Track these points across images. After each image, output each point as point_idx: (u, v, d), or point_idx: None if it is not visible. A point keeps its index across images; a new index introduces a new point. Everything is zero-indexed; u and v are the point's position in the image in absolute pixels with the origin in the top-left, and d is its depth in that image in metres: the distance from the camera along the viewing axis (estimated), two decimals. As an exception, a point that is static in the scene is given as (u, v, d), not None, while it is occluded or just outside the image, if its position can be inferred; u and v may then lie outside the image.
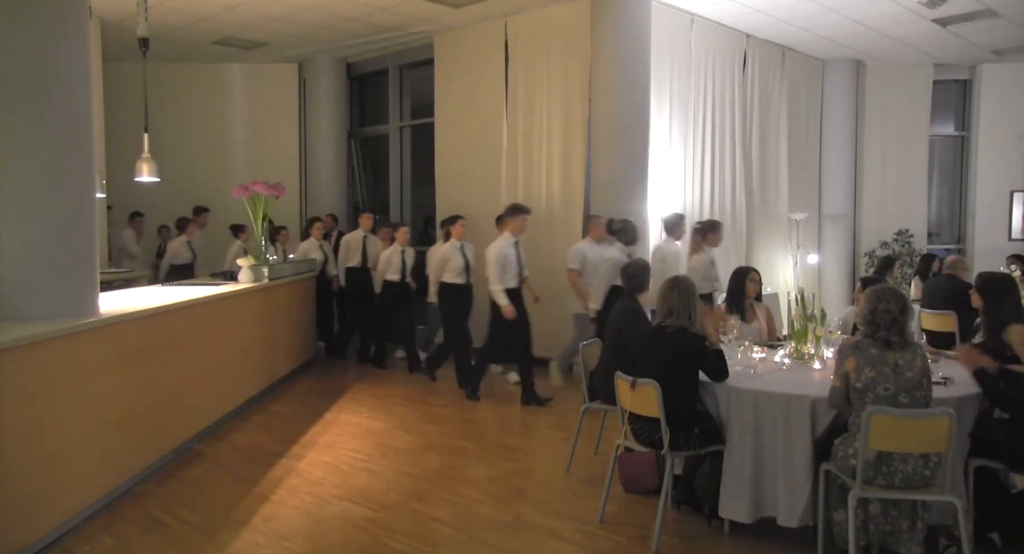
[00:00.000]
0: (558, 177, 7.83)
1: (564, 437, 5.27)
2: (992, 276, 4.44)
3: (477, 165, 8.64)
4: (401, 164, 10.44)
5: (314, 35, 9.11)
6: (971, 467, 3.47)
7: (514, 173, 8.25)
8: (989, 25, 8.71)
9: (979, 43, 9.54)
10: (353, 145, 10.94)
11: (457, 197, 8.77)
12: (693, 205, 8.43)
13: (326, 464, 4.92)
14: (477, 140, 8.66)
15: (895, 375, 3.17)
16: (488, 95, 8.52)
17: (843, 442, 3.29)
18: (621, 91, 7.23)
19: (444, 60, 9.04)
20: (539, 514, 4.11)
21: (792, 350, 4.35)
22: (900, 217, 10.62)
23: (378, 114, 10.74)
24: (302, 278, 7.87)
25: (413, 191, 10.44)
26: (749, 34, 9.07)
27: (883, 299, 3.28)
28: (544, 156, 7.98)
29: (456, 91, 8.90)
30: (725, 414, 3.71)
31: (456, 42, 8.88)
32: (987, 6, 8.02)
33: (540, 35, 8.02)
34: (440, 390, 7.07)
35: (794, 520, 3.48)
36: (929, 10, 8.05)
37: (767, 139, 9.60)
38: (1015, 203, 10.89)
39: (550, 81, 7.91)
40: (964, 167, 11.28)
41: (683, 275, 4.15)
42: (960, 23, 8.60)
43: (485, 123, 8.57)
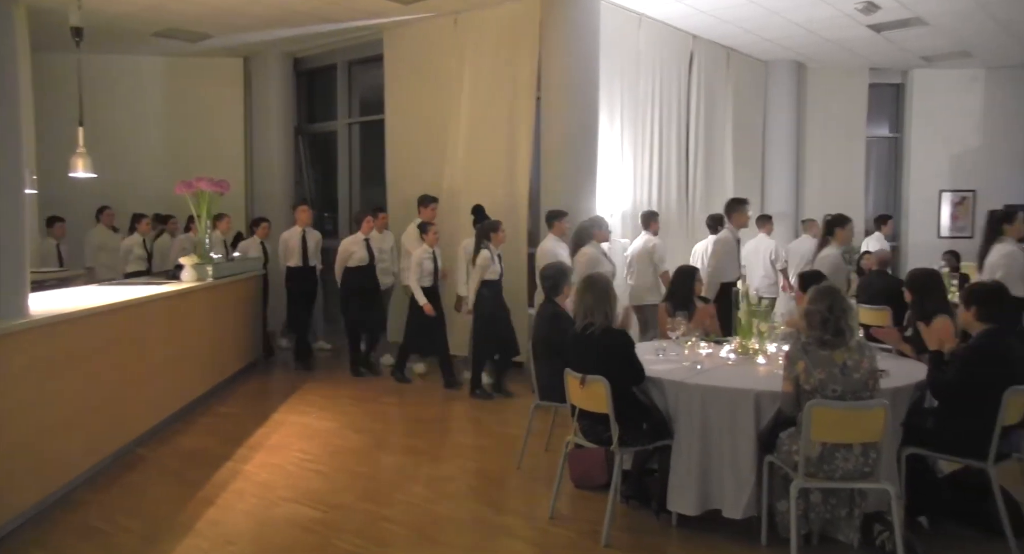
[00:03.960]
0: (504, 175, 7.84)
1: (515, 434, 5.29)
2: (919, 273, 4.67)
3: (427, 162, 8.59)
4: (350, 161, 10.32)
5: (261, 28, 8.93)
6: (903, 455, 3.61)
7: (463, 171, 8.23)
8: (919, 32, 9.06)
9: (910, 49, 9.91)
10: (301, 142, 10.77)
11: (408, 194, 8.70)
12: (641, 202, 8.53)
13: (273, 466, 4.85)
14: (427, 137, 8.61)
15: (843, 376, 3.27)
16: (438, 92, 8.48)
17: (789, 436, 3.38)
18: (570, 89, 7.28)
19: (394, 57, 8.97)
20: (490, 511, 4.12)
21: (737, 345, 4.45)
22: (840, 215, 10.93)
23: (326, 110, 10.59)
24: (248, 277, 7.73)
25: (363, 188, 10.33)
26: (695, 35, 9.23)
27: (824, 298, 3.37)
28: (492, 154, 7.98)
29: (406, 88, 8.84)
30: (673, 409, 3.78)
31: (406, 39, 8.81)
32: (917, 15, 8.34)
33: (490, 33, 8.01)
34: (391, 389, 7.02)
35: (739, 512, 3.57)
36: (864, 16, 8.32)
37: (713, 138, 9.78)
38: (943, 202, 11.36)
39: (499, 79, 7.91)
40: (898, 167, 11.71)
41: (596, 273, 4.20)
42: (893, 29, 8.92)
43: (435, 120, 8.52)
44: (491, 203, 7.45)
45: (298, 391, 6.96)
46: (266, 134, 10.23)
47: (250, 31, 9.02)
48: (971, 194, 11.32)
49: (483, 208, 7.27)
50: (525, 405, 5.91)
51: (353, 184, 10.35)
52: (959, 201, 11.35)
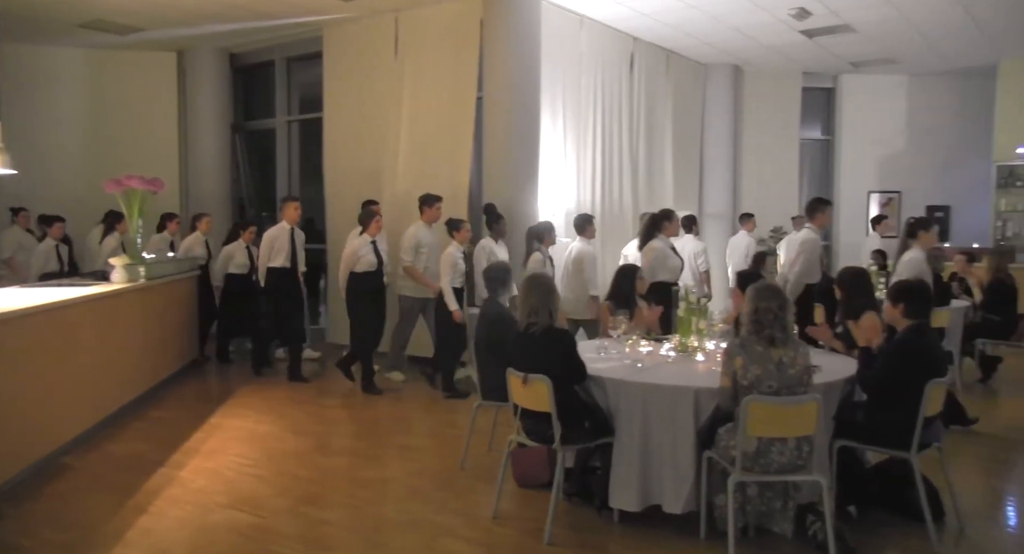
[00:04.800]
0: (446, 174, 7.81)
1: (458, 435, 5.27)
2: (848, 271, 4.85)
3: (367, 161, 8.50)
4: (289, 159, 10.13)
5: (195, 23, 8.68)
6: (834, 447, 3.73)
7: (405, 169, 8.16)
8: (848, 39, 9.39)
9: (840, 55, 10.26)
10: (237, 139, 10.53)
11: (347, 193, 8.59)
12: (583, 204, 8.62)
13: (210, 471, 4.72)
14: (367, 136, 8.52)
15: (779, 372, 3.35)
16: (378, 90, 8.40)
17: (727, 432, 3.45)
18: (512, 89, 7.30)
19: (333, 54, 8.84)
20: (433, 512, 4.10)
21: (677, 343, 4.52)
22: (774, 215, 11.25)
23: (264, 108, 10.37)
24: (184, 277, 7.50)
25: (302, 187, 10.15)
26: (636, 37, 9.36)
27: (763, 297, 3.45)
28: (434, 153, 7.94)
29: (346, 86, 8.72)
30: (614, 407, 3.81)
31: (345, 36, 8.70)
32: (846, 22, 8.65)
33: (431, 31, 7.97)
34: (332, 390, 6.91)
35: (679, 507, 3.62)
36: (797, 22, 8.58)
37: (653, 139, 9.94)
38: (872, 202, 11.79)
39: (441, 78, 7.88)
40: (829, 168, 12.12)
41: (541, 273, 4.23)
42: (824, 35, 9.23)
43: (375, 119, 8.43)
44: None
45: (236, 394, 6.79)
46: (201, 131, 9.96)
47: (184, 25, 8.76)
48: (897, 195, 11.78)
49: (495, 207, 7.11)
50: (467, 405, 5.91)
51: (292, 183, 10.16)
52: (886, 202, 11.80)
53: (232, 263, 7.87)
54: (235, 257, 7.88)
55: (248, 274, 7.87)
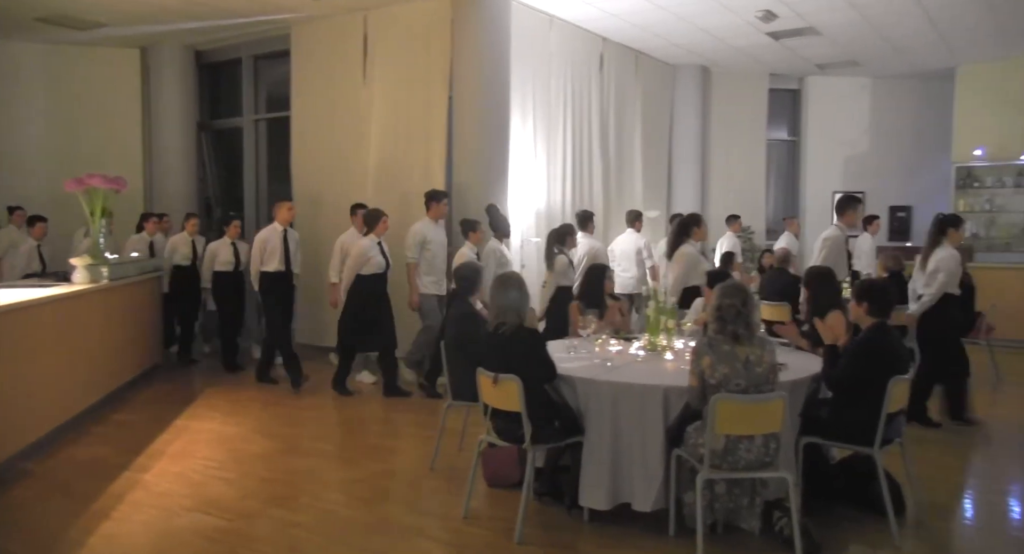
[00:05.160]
0: (419, 173, 7.79)
1: (428, 435, 5.25)
2: (815, 270, 4.94)
3: (336, 160, 8.43)
4: (257, 158, 10.00)
5: (160, 19, 8.53)
6: (801, 444, 3.78)
7: (375, 168, 8.11)
8: (813, 41, 9.54)
9: (806, 56, 10.42)
10: (204, 138, 10.37)
11: (315, 192, 8.52)
12: (554, 203, 8.65)
13: (175, 475, 4.64)
14: (336, 135, 8.45)
15: (746, 371, 3.38)
16: (348, 89, 8.33)
17: (696, 430, 3.48)
18: (482, 88, 7.29)
19: (301, 52, 8.75)
20: (404, 513, 4.08)
21: (646, 342, 4.56)
22: (742, 215, 11.37)
23: (231, 106, 10.23)
24: (149, 277, 7.37)
25: (269, 186, 10.03)
26: (605, 38, 9.41)
27: (727, 295, 3.49)
28: (406, 152, 7.91)
29: (314, 84, 8.64)
30: (584, 406, 3.83)
31: (314, 34, 8.61)
32: (811, 25, 8.78)
33: (400, 30, 7.93)
34: (304, 392, 6.84)
35: (648, 505, 3.65)
36: (764, 24, 8.70)
37: (622, 139, 10.00)
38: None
39: (412, 77, 7.84)
40: (796, 169, 12.30)
41: (509, 272, 4.24)
42: (790, 38, 9.36)
43: (344, 118, 8.37)
44: (407, 200, 7.38)
45: (202, 396, 6.70)
46: (166, 130, 9.78)
47: (147, 22, 8.60)
48: (861, 195, 11.97)
49: (497, 207, 7.05)
50: (438, 405, 5.89)
51: (260, 182, 10.03)
52: (851, 202, 11.98)
53: (217, 261, 7.69)
54: (219, 255, 7.70)
55: (234, 271, 7.70)
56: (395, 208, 7.45)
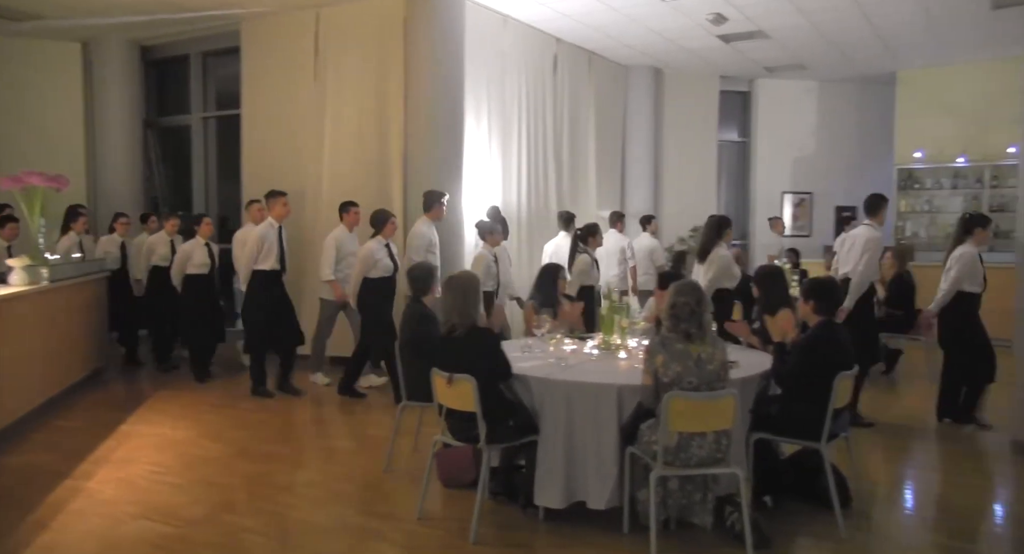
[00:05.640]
0: (375, 172, 7.72)
1: (382, 436, 5.21)
2: (765, 269, 5.04)
3: (287, 159, 8.29)
4: (206, 157, 9.80)
5: (102, 12, 8.27)
6: (751, 440, 3.86)
7: (329, 168, 8.01)
8: (762, 45, 9.75)
9: (755, 59, 10.63)
10: (150, 136, 10.11)
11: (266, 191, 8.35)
12: (509, 203, 8.66)
13: (120, 481, 4.51)
14: (288, 134, 8.31)
15: (698, 368, 3.43)
16: (300, 88, 8.21)
17: (649, 428, 3.52)
18: (435, 87, 7.26)
19: (251, 49, 8.59)
20: (358, 515, 4.04)
21: (600, 341, 4.59)
22: (694, 215, 11.56)
23: (179, 104, 9.99)
24: (92, 279, 7.15)
25: (220, 185, 9.83)
26: (559, 38, 9.45)
27: (681, 293, 3.54)
28: (361, 151, 7.83)
29: (265, 82, 8.48)
30: (539, 405, 3.84)
31: (264, 31, 8.46)
32: (760, 28, 8.97)
33: (353, 29, 7.85)
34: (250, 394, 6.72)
35: (602, 502, 3.68)
36: (714, 26, 8.84)
37: (576, 139, 10.06)
38: (785, 203, 12.27)
39: (364, 76, 7.77)
40: (746, 170, 12.54)
41: (458, 273, 4.22)
42: (740, 41, 9.54)
43: (297, 117, 8.24)
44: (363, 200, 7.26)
45: (150, 400, 6.53)
46: (110, 127, 9.50)
47: (88, 14, 8.33)
48: (809, 196, 12.29)
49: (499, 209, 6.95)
50: (391, 406, 5.85)
51: (210, 182, 9.83)
52: (799, 202, 12.29)
53: (190, 263, 7.17)
54: (193, 257, 7.18)
55: (208, 275, 7.27)
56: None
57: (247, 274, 6.53)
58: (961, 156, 10.58)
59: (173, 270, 7.27)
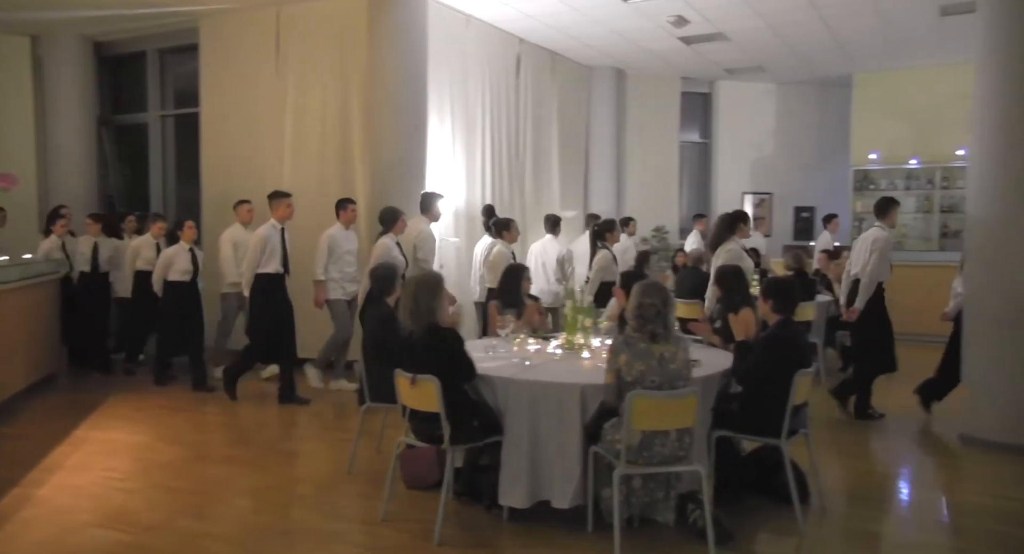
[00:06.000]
0: (338, 172, 7.64)
1: (345, 438, 5.16)
2: (727, 269, 5.10)
3: (248, 158, 8.17)
4: (164, 156, 9.60)
5: (53, 6, 8.05)
6: (713, 438, 3.90)
7: (291, 167, 7.91)
8: (722, 47, 9.88)
9: (716, 61, 10.78)
10: (105, 134, 9.87)
11: (224, 192, 8.22)
12: (473, 202, 8.64)
13: (74, 488, 4.39)
14: (248, 133, 8.19)
15: (661, 367, 3.45)
16: (260, 86, 8.10)
17: (613, 427, 3.53)
18: (398, 86, 7.21)
19: (210, 47, 8.44)
20: (320, 518, 3.99)
21: (564, 341, 4.60)
22: (656, 215, 11.68)
23: (136, 101, 9.77)
24: (41, 281, 6.93)
25: (178, 185, 9.64)
26: (522, 38, 9.47)
27: (648, 294, 3.55)
28: (321, 150, 7.75)
29: (225, 80, 8.35)
30: (503, 405, 3.83)
31: (223, 28, 8.33)
32: (720, 31, 9.09)
33: (314, 27, 7.77)
34: (211, 397, 6.60)
35: (567, 501, 3.68)
36: (676, 28, 8.94)
37: (540, 139, 10.09)
38: (746, 203, 12.46)
39: (327, 75, 7.70)
40: (707, 171, 12.70)
41: (421, 273, 4.20)
42: (700, 43, 9.67)
43: (257, 115, 8.12)
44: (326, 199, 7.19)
45: (104, 405, 6.37)
46: (62, 124, 9.23)
47: (36, 7, 8.10)
48: (769, 196, 12.49)
49: (493, 207, 6.89)
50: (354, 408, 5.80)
51: (168, 181, 9.63)
52: (759, 202, 12.49)
53: (172, 269, 6.81)
54: (176, 262, 6.82)
55: (192, 282, 6.93)
56: (311, 208, 7.29)
57: (250, 278, 6.30)
58: (913, 158, 10.85)
59: (154, 276, 6.94)
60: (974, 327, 5.27)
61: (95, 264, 7.61)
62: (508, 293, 5.31)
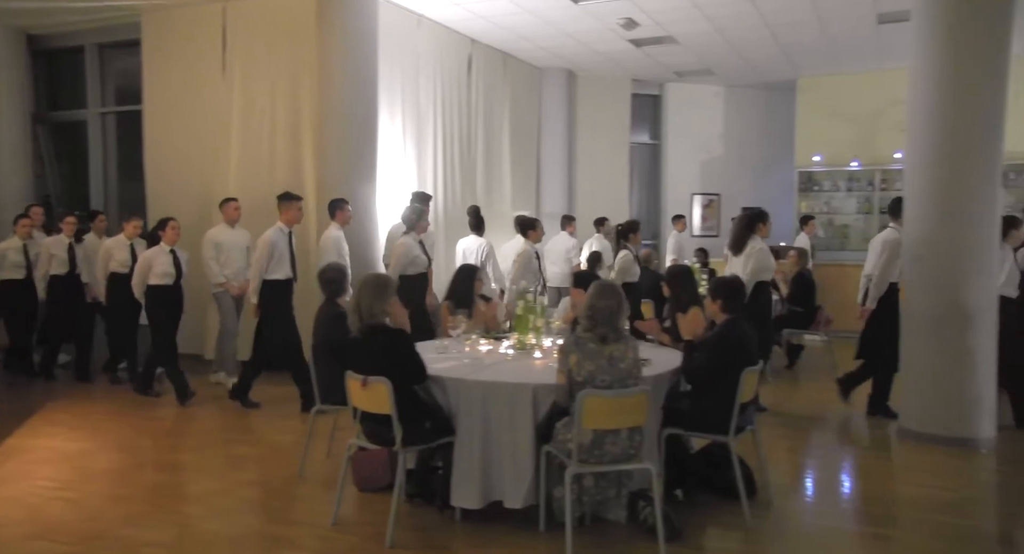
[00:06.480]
0: (286, 170, 7.53)
1: (296, 441, 5.09)
2: (676, 268, 5.18)
3: (193, 156, 7.98)
4: (105, 154, 9.31)
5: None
6: (663, 436, 3.96)
7: (237, 168, 7.75)
8: (671, 50, 10.03)
9: (665, 64, 10.93)
10: (40, 131, 9.53)
11: (172, 191, 8.04)
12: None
13: (8, 499, 4.23)
14: (194, 131, 8.00)
15: (611, 366, 3.49)
16: (205, 83, 7.92)
17: (564, 426, 3.56)
18: (348, 85, 7.13)
19: (153, 42, 8.22)
20: (270, 523, 3.93)
21: (515, 341, 4.62)
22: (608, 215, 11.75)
23: (74, 97, 9.46)
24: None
25: (120, 184, 9.36)
26: (474, 39, 9.46)
27: (603, 296, 3.57)
28: (270, 149, 7.62)
29: (169, 77, 8.14)
30: (455, 406, 3.83)
31: (167, 24, 8.12)
32: (669, 34, 9.23)
33: (262, 24, 7.64)
34: (159, 401, 6.44)
35: (519, 501, 3.69)
36: (626, 31, 9.05)
37: (492, 140, 10.10)
38: (695, 204, 12.68)
39: (275, 72, 7.57)
40: (657, 172, 12.88)
41: (372, 273, 4.17)
42: (650, 45, 9.80)
43: (203, 113, 7.94)
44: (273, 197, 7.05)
45: (41, 411, 6.16)
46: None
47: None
48: (717, 197, 12.73)
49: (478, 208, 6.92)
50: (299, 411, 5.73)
51: (109, 180, 9.35)
52: (707, 203, 12.72)
53: (152, 273, 6.39)
54: (155, 265, 6.42)
55: (175, 285, 6.53)
56: (259, 208, 7.17)
57: (257, 285, 6.05)
58: (855, 160, 11.18)
59: (134, 280, 6.51)
60: (909, 324, 5.46)
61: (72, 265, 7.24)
62: (460, 293, 5.30)
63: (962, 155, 5.15)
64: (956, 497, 4.38)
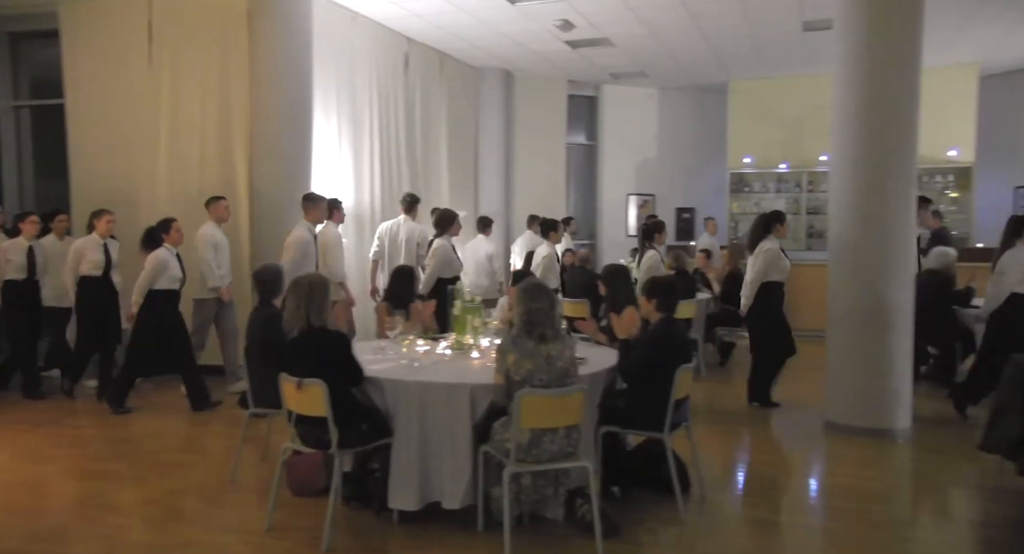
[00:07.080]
0: (217, 167, 7.32)
1: (228, 446, 4.96)
2: (612, 268, 5.24)
3: (120, 152, 7.67)
4: (19, 150, 8.87)
5: None
6: (599, 433, 4.01)
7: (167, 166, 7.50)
8: (607, 52, 10.17)
9: (601, 65, 11.08)
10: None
11: (98, 187, 7.71)
12: (362, 201, 8.51)
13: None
14: (120, 126, 7.69)
15: (548, 365, 3.51)
16: (132, 76, 7.62)
17: (502, 425, 3.57)
18: (281, 82, 7.00)
19: (72, 34, 7.85)
20: (201, 531, 3.82)
21: (453, 341, 4.61)
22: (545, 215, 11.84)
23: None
24: None
25: (38, 183, 8.93)
26: (410, 38, 9.39)
27: (536, 298, 3.59)
28: (200, 145, 7.40)
29: (92, 70, 7.78)
30: (392, 407, 3.80)
31: (88, 14, 7.77)
32: (605, 36, 9.35)
33: (190, 18, 7.40)
34: (81, 409, 6.18)
35: (457, 502, 3.69)
36: (562, 32, 9.13)
37: (429, 139, 10.05)
38: (630, 204, 12.88)
39: (205, 66, 7.35)
40: (593, 172, 13.03)
41: (306, 274, 4.09)
42: (586, 47, 9.91)
43: (130, 109, 7.63)
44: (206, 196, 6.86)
45: (-47, 421, 5.84)
46: None
47: None
48: (652, 197, 12.96)
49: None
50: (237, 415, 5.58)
51: (24, 178, 8.91)
52: (643, 204, 12.94)
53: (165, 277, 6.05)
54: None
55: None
56: (190, 207, 6.96)
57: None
58: (783, 162, 11.55)
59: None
60: (833, 321, 5.67)
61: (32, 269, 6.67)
62: (398, 294, 5.26)
63: (880, 159, 5.39)
64: (877, 486, 4.57)
